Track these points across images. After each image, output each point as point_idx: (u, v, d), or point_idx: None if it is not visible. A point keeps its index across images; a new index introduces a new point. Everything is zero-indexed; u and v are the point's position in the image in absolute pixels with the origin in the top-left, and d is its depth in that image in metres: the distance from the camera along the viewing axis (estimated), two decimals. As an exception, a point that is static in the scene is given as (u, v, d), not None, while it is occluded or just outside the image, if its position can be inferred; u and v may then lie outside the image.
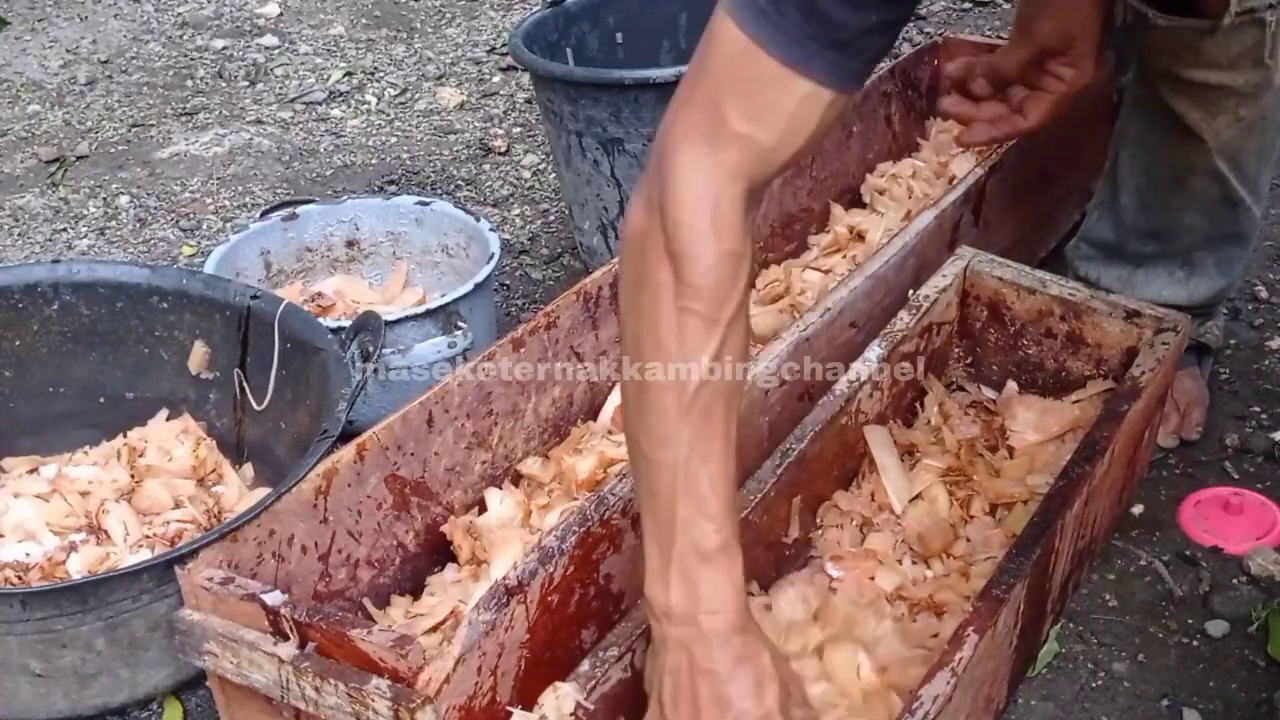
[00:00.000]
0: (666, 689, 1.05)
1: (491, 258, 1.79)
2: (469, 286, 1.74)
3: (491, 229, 1.87)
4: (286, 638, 1.13)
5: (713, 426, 1.05)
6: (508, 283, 2.17)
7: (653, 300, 1.03)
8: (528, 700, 1.14)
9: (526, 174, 2.51)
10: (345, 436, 1.39)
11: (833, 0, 0.95)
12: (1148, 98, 1.58)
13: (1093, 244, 1.73)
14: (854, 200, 2.05)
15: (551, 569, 1.17)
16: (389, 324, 1.63)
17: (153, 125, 2.75)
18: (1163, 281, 1.67)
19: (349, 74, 2.95)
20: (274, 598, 1.13)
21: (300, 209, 1.96)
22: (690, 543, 1.05)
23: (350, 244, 1.99)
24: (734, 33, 0.99)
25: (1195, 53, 1.47)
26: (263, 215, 1.98)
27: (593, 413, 1.63)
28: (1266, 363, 1.85)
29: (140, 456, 1.60)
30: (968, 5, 3.15)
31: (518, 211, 2.38)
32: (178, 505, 1.55)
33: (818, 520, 1.45)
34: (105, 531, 1.51)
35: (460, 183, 2.48)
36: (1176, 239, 1.64)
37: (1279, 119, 1.54)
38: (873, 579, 1.39)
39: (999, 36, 2.83)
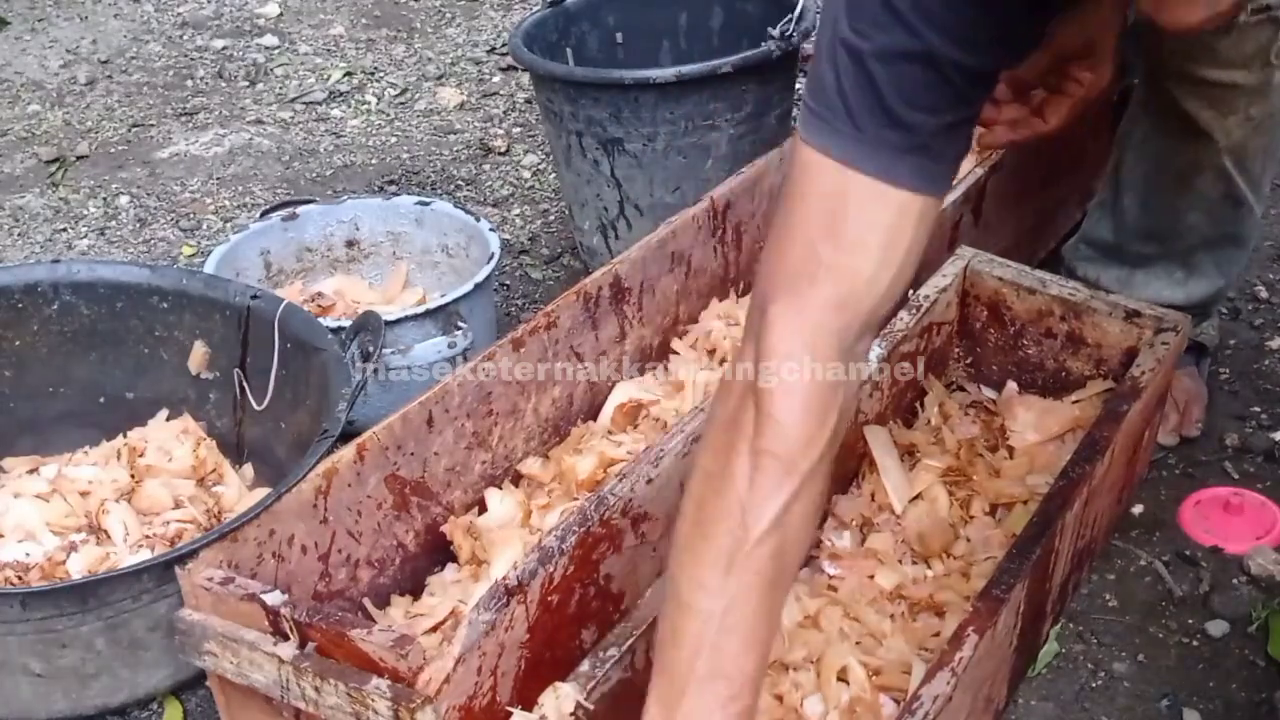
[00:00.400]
0: None
1: (491, 258, 1.79)
2: (469, 286, 1.74)
3: (491, 229, 1.87)
4: (286, 638, 1.13)
5: (762, 587, 0.97)
6: (508, 283, 2.17)
7: (731, 439, 0.98)
8: (528, 700, 1.14)
9: (526, 174, 2.51)
10: (345, 436, 1.39)
11: (907, 107, 0.94)
12: (1157, 99, 1.58)
13: (1092, 244, 1.73)
14: (854, 200, 2.05)
15: (551, 569, 1.17)
16: (389, 324, 1.63)
17: (153, 125, 2.75)
18: (1161, 283, 1.67)
19: (349, 74, 2.95)
20: (274, 598, 1.13)
21: (300, 209, 1.96)
22: (701, 707, 0.97)
23: (350, 244, 1.99)
24: (817, 159, 0.97)
25: (1210, 51, 1.47)
26: (263, 215, 1.98)
27: (593, 413, 1.63)
28: (1266, 363, 1.85)
29: (140, 456, 1.60)
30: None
31: (518, 211, 2.38)
32: (178, 505, 1.55)
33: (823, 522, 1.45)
34: (105, 531, 1.51)
35: (460, 183, 2.48)
36: (1177, 240, 1.64)
37: None
38: (872, 578, 1.39)
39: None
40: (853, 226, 0.96)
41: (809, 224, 0.97)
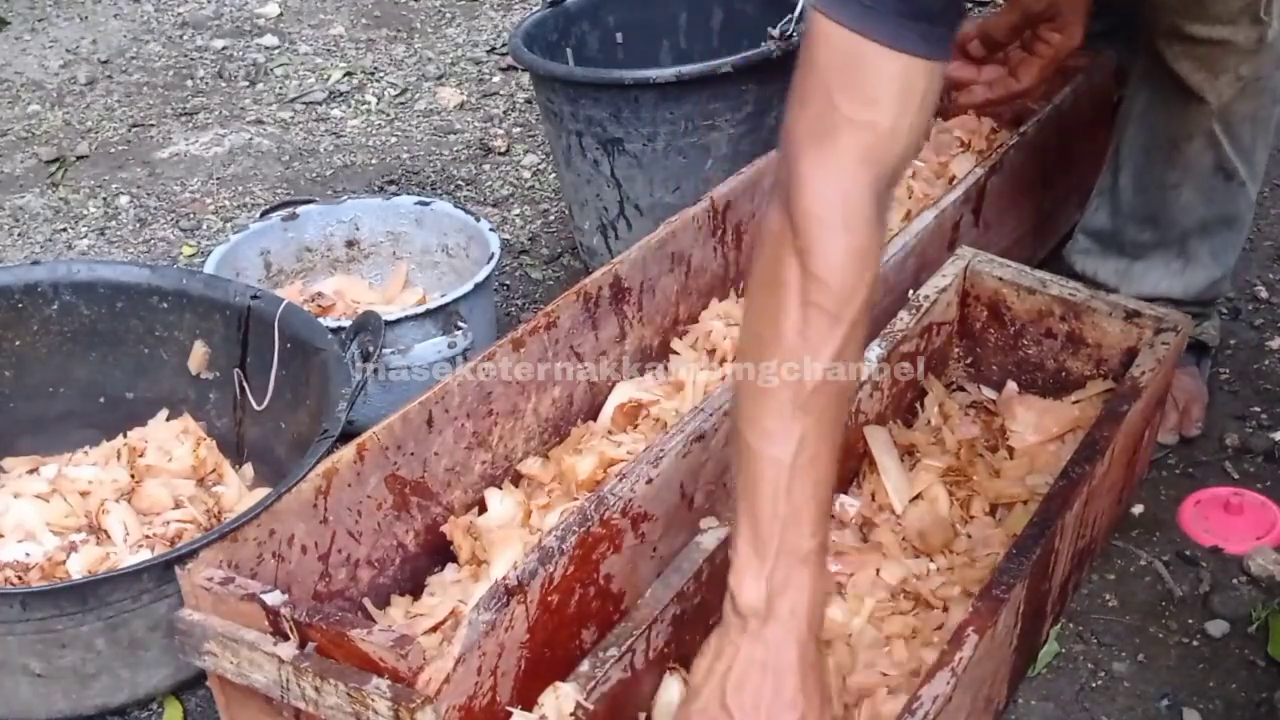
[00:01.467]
0: (734, 676, 1.08)
1: (491, 258, 1.79)
2: (469, 286, 1.74)
3: (491, 229, 1.87)
4: (286, 638, 1.13)
5: (825, 427, 1.07)
6: (508, 283, 2.17)
7: (779, 296, 1.06)
8: (528, 700, 1.14)
9: (526, 174, 2.51)
10: (345, 436, 1.39)
11: None
12: (1152, 66, 1.59)
13: (1090, 235, 1.73)
14: (854, 200, 2.04)
15: (551, 569, 1.17)
16: (389, 324, 1.63)
17: (153, 125, 2.75)
18: (1159, 274, 1.67)
19: (349, 74, 2.95)
20: (274, 598, 1.13)
21: (300, 209, 1.96)
22: (788, 545, 1.07)
23: (350, 244, 1.99)
24: (831, 28, 1.04)
25: (1199, 6, 1.49)
26: (263, 215, 1.97)
27: (593, 413, 1.63)
28: (1266, 363, 1.85)
29: (140, 456, 1.60)
30: (968, 5, 3.15)
31: (518, 211, 2.38)
32: (178, 505, 1.55)
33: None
34: (105, 531, 1.51)
35: (460, 183, 2.48)
36: (1172, 225, 1.64)
37: (1274, 85, 1.55)
38: (878, 572, 1.39)
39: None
40: (867, 85, 1.04)
41: (828, 84, 1.04)
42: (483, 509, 1.47)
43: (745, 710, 1.07)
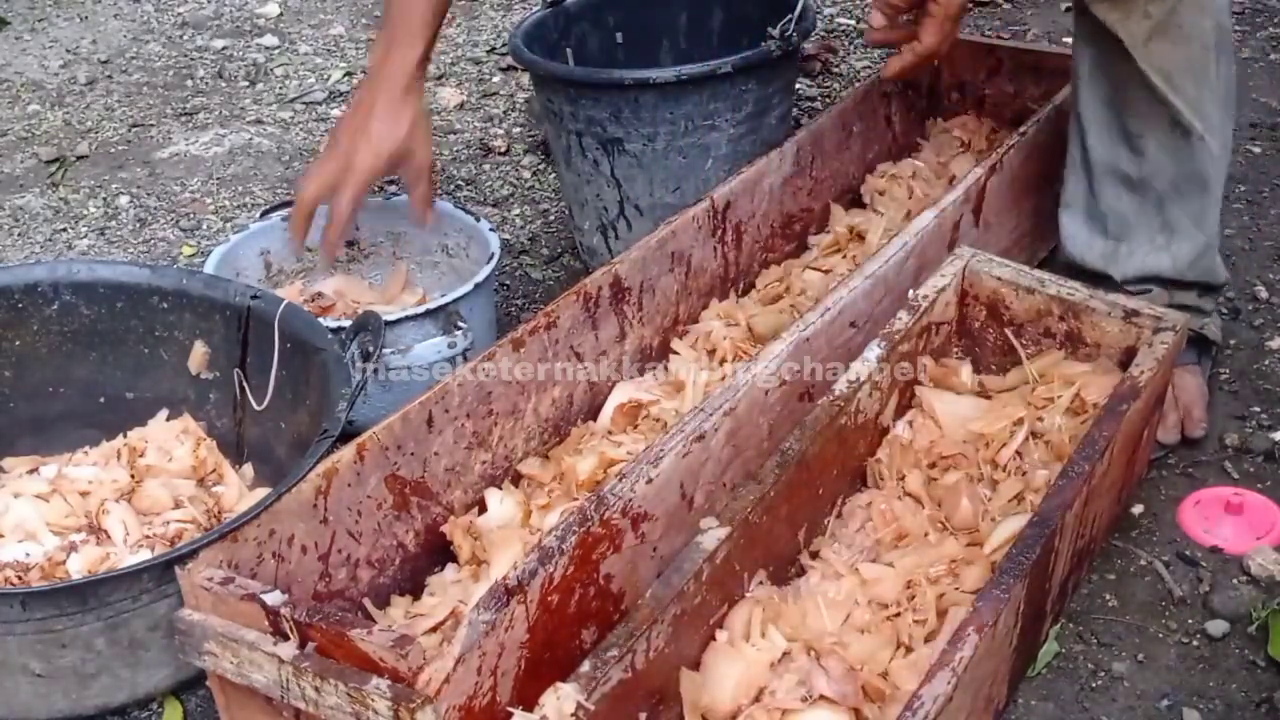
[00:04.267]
0: (345, 114, 1.66)
1: (491, 258, 1.79)
2: (469, 286, 1.74)
3: (491, 229, 1.87)
4: (286, 638, 1.13)
5: None
6: (508, 283, 2.17)
7: None
8: (528, 700, 1.14)
9: (526, 174, 2.51)
10: (345, 436, 1.39)
11: None
12: (1083, 20, 1.61)
13: (1072, 212, 1.73)
14: (854, 200, 2.05)
15: (551, 569, 1.17)
16: (389, 324, 1.63)
17: (153, 125, 2.75)
18: (1145, 250, 1.68)
19: (349, 74, 2.95)
20: (274, 598, 1.13)
21: (300, 209, 1.96)
22: (392, 31, 1.66)
23: (350, 244, 1.99)
24: None
25: None
26: (263, 215, 1.97)
27: (593, 413, 1.63)
28: (1266, 363, 1.85)
29: (140, 456, 1.60)
30: (968, 5, 3.15)
31: (518, 211, 2.38)
32: (178, 505, 1.55)
33: (825, 523, 1.45)
34: (105, 531, 1.51)
35: (460, 183, 2.48)
36: (1146, 186, 1.65)
37: (1200, 32, 1.55)
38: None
39: (999, 36, 2.83)
40: None
41: None
42: (483, 509, 1.47)
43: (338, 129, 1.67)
